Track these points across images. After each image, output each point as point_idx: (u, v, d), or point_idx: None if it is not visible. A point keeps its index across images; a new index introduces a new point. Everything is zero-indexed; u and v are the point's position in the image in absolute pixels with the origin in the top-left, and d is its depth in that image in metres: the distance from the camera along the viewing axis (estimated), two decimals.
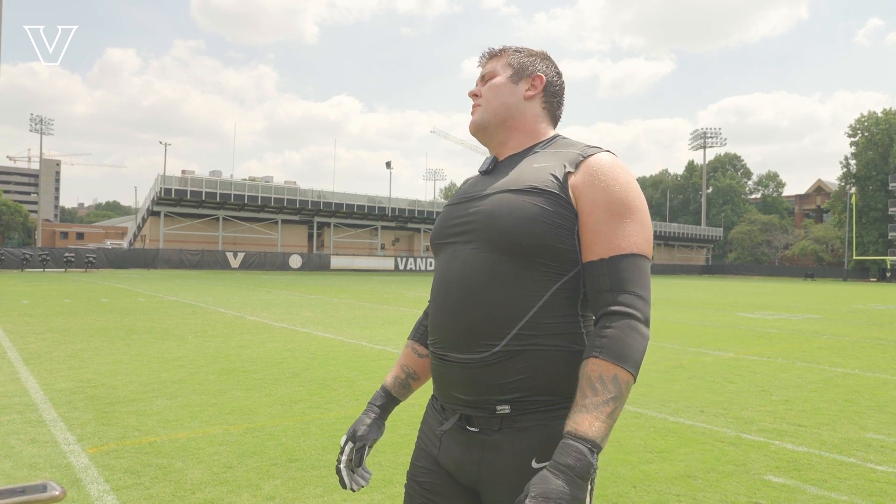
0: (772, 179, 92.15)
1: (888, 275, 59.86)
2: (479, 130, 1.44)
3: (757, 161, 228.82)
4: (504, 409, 1.22)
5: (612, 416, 1.11)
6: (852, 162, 67.64)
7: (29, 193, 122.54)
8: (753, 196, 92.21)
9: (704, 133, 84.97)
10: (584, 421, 1.09)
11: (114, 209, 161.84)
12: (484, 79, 1.47)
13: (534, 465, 1.20)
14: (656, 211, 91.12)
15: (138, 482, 3.44)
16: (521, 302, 1.21)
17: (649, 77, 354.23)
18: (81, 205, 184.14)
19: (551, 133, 1.44)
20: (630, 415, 5.15)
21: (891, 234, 64.32)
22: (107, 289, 19.84)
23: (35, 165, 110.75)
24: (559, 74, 1.49)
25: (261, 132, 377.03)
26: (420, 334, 1.55)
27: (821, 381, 6.89)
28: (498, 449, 1.23)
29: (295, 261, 43.34)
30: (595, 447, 1.07)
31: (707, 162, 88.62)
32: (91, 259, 35.53)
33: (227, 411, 4.99)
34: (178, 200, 43.56)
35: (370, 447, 1.45)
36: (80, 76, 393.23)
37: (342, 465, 1.42)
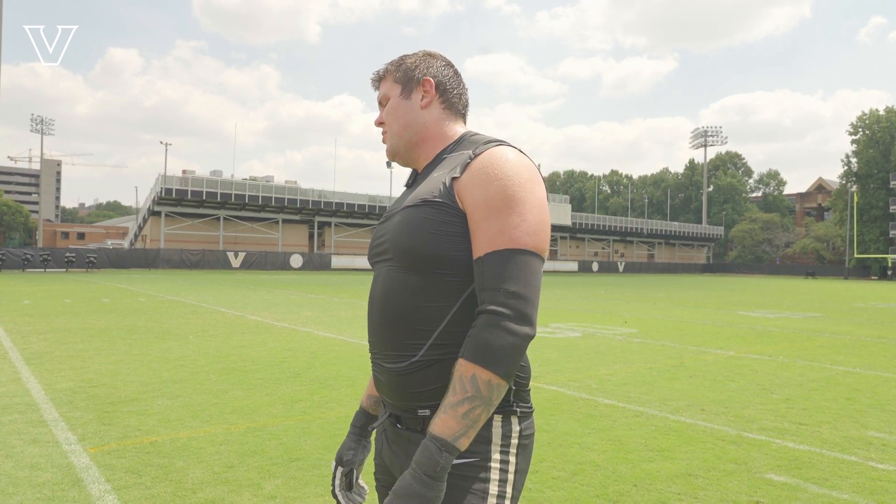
0: (773, 178, 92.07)
1: (889, 273, 59.82)
2: (395, 158, 1.45)
3: (759, 160, 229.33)
4: (425, 412, 1.27)
5: (468, 416, 1.14)
6: (853, 160, 67.63)
7: (30, 194, 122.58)
8: (754, 194, 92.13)
9: (705, 132, 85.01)
10: (439, 421, 1.15)
11: (115, 209, 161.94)
12: (382, 104, 1.46)
13: None
14: (657, 209, 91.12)
15: (139, 482, 3.45)
16: (434, 314, 1.23)
17: (652, 76, 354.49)
18: (82, 205, 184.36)
19: (459, 131, 1.41)
20: (631, 413, 5.16)
21: (892, 233, 64.29)
22: (108, 289, 19.85)
23: (36, 166, 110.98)
24: (448, 65, 1.44)
25: (262, 132, 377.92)
26: None
27: (822, 379, 6.89)
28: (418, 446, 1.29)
29: (296, 260, 43.37)
30: (444, 445, 1.12)
31: (708, 160, 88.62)
32: (92, 259, 35.57)
33: (228, 411, 4.99)
34: (179, 200, 43.60)
35: (359, 468, 1.52)
36: (81, 76, 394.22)
37: (337, 490, 1.51)
